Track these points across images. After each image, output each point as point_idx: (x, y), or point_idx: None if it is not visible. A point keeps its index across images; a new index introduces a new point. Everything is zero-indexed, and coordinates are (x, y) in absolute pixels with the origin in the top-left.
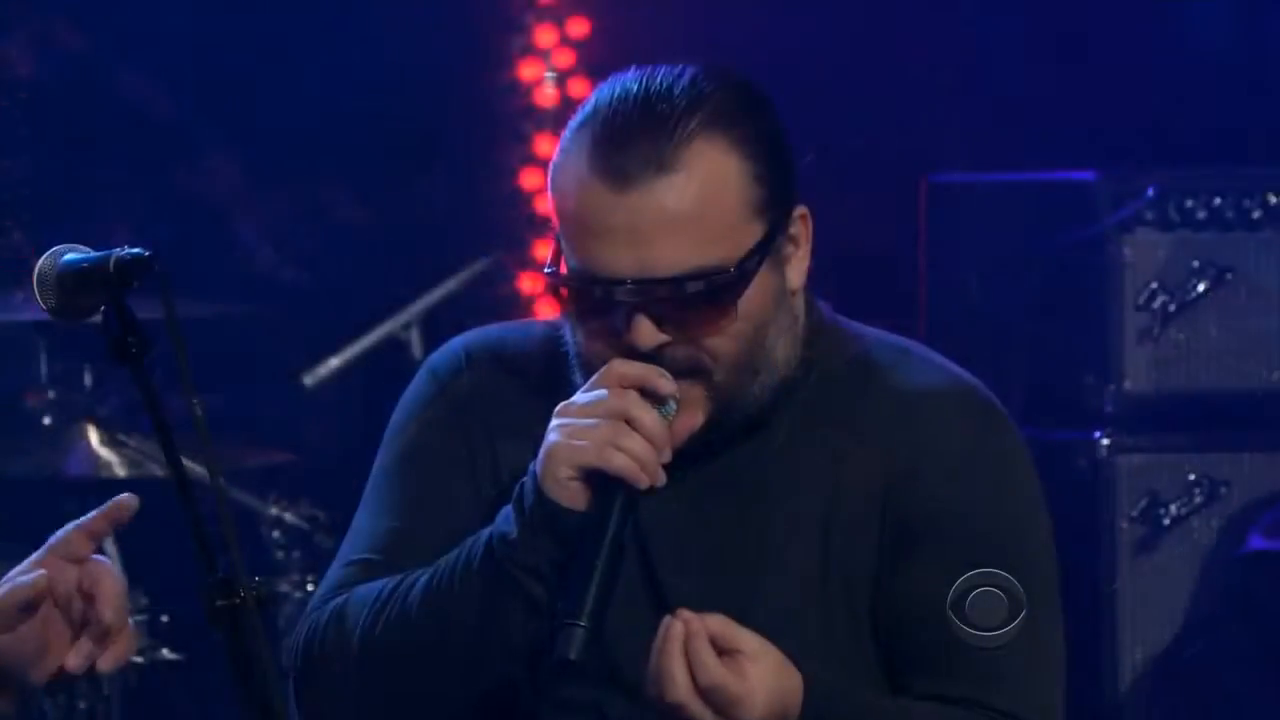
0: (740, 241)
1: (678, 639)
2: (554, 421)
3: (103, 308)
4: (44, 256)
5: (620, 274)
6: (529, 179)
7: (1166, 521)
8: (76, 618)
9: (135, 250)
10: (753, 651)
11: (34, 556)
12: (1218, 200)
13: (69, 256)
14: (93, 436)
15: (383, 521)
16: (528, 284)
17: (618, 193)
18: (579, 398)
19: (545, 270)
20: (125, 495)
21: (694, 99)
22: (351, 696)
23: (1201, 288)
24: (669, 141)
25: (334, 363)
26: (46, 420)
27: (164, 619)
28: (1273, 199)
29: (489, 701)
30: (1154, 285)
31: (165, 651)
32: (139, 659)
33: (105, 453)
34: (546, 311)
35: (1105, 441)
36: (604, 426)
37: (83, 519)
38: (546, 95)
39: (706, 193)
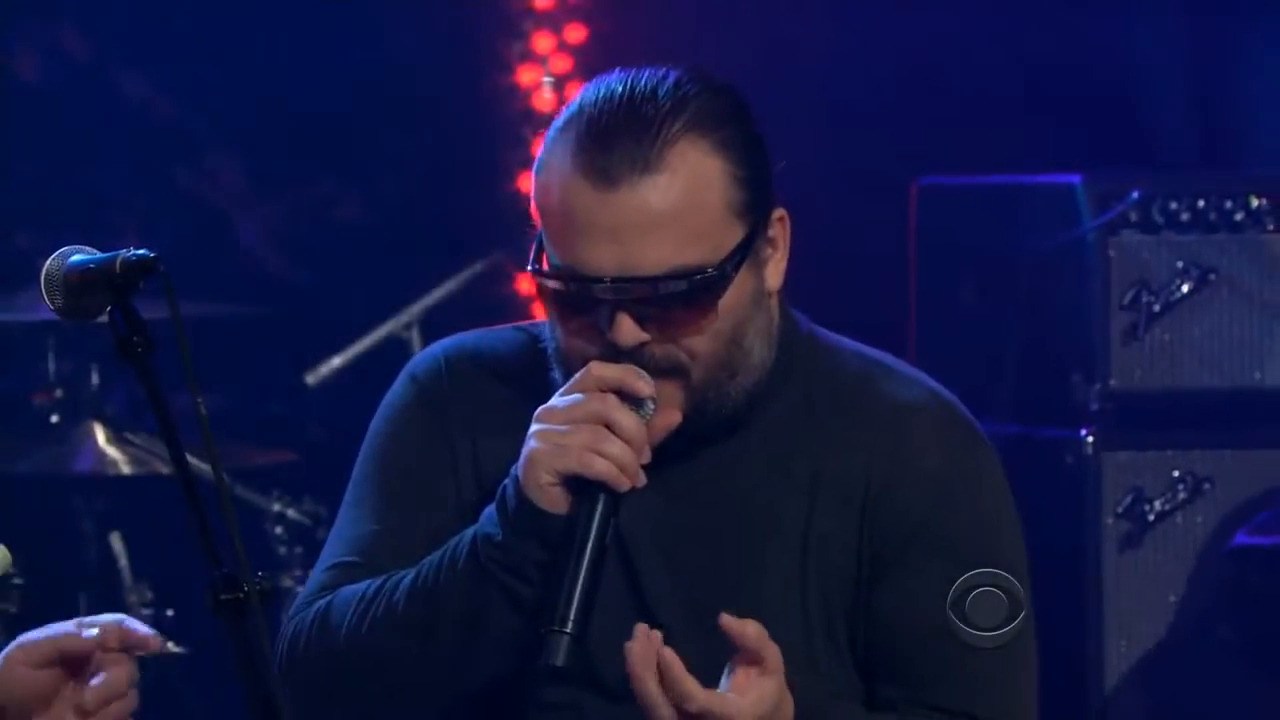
0: (721, 242)
1: (646, 658)
2: (534, 426)
3: (109, 308)
4: (51, 257)
5: (602, 272)
6: (527, 182)
7: (1151, 517)
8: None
9: (141, 251)
10: (771, 665)
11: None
12: (1201, 203)
13: (76, 257)
14: (99, 435)
15: (364, 524)
16: (525, 285)
17: (602, 192)
18: (558, 401)
19: (528, 268)
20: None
21: (678, 101)
22: (337, 696)
23: (1185, 288)
24: (653, 142)
25: (336, 362)
26: (54, 419)
27: (169, 613)
28: (1255, 201)
29: (472, 701)
30: (1139, 286)
31: (170, 645)
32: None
33: (112, 450)
34: (541, 313)
35: (1091, 439)
36: (584, 431)
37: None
38: (544, 100)
39: (689, 193)
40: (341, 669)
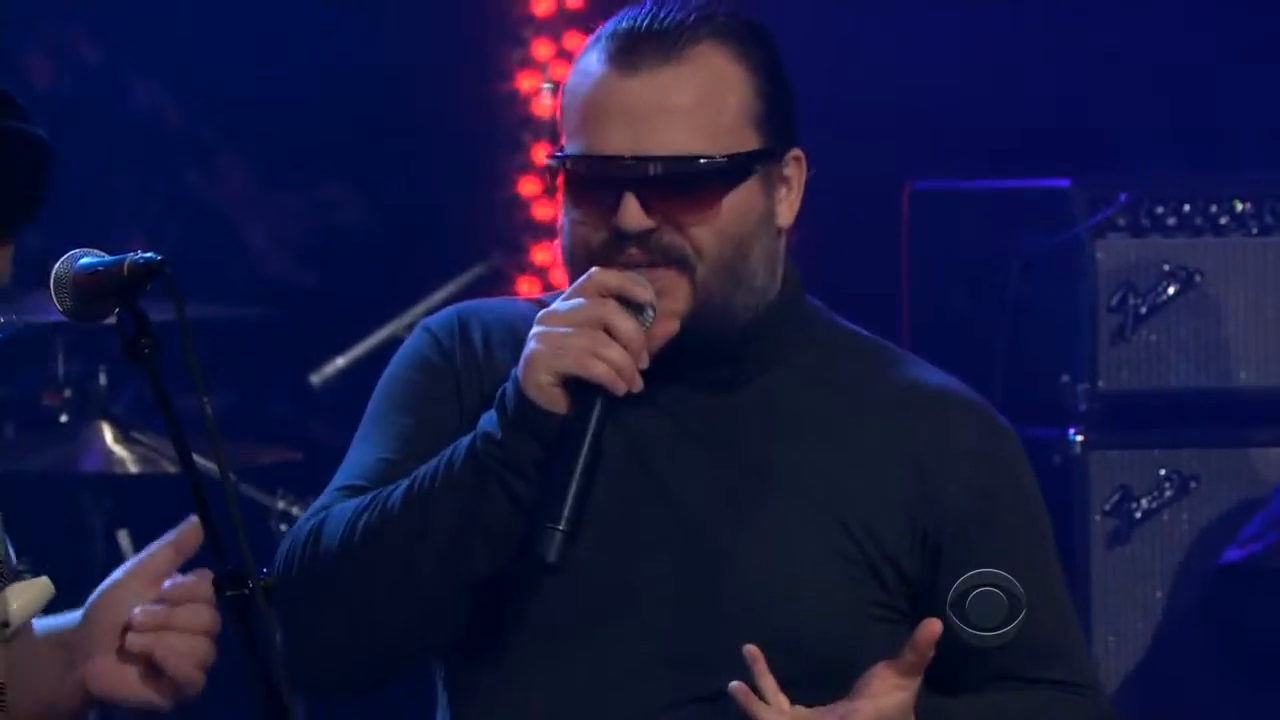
0: (734, 143)
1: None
2: (535, 328)
3: (117, 310)
4: (60, 260)
5: (616, 151)
6: (526, 186)
7: (1138, 515)
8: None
9: (148, 254)
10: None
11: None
12: (1187, 207)
13: (84, 260)
14: (107, 434)
15: (370, 454)
16: (525, 287)
17: (624, 76)
18: (559, 305)
19: (546, 160)
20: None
21: (705, 17)
22: (330, 605)
23: (1171, 291)
24: (676, 40)
25: (339, 362)
26: (63, 419)
27: None
28: (1239, 205)
29: (460, 610)
30: (1126, 288)
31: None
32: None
33: (119, 450)
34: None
35: (1079, 438)
36: (583, 334)
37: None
38: (543, 106)
39: (708, 91)
40: (333, 578)
